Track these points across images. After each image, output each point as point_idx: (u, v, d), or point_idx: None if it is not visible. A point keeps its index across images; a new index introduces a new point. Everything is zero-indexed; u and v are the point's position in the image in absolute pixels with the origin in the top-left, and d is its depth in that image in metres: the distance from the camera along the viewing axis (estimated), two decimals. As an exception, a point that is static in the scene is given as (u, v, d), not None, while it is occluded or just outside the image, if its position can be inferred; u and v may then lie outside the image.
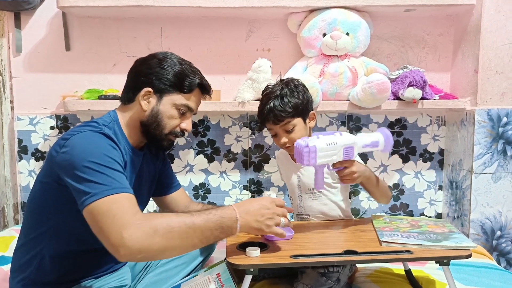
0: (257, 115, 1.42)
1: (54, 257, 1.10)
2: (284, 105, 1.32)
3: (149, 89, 1.15)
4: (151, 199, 1.40)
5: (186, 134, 1.26)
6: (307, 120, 1.39)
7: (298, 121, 1.34)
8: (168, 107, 1.16)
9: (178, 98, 1.17)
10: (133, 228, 0.90)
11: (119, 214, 0.91)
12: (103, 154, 0.99)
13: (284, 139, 1.35)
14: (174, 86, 1.16)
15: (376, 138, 1.22)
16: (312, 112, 1.40)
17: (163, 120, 1.16)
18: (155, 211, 2.05)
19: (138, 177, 1.23)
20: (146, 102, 1.16)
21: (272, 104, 1.33)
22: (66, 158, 0.99)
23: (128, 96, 1.19)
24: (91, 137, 1.03)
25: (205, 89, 1.23)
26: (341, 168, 1.20)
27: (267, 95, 1.37)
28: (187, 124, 1.21)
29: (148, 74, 1.16)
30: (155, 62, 1.17)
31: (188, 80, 1.17)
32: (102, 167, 0.97)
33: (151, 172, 1.31)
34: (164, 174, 1.39)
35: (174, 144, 1.24)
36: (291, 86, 1.36)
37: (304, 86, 1.40)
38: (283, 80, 1.40)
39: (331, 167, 1.21)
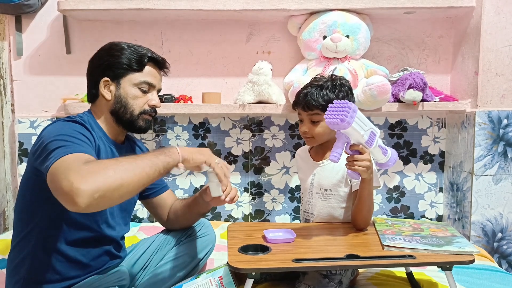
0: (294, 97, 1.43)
1: (45, 255, 1.10)
2: (320, 96, 1.32)
3: (106, 78, 1.19)
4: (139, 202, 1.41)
5: (157, 110, 1.28)
6: None
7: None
8: (128, 88, 1.19)
9: (135, 77, 1.20)
10: (84, 171, 0.87)
11: (71, 165, 0.89)
12: (71, 130, 1.04)
13: (305, 128, 1.35)
14: (127, 67, 1.19)
15: (388, 149, 1.21)
16: None
17: (128, 102, 1.20)
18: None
19: None
20: (107, 91, 1.20)
21: (310, 90, 1.34)
22: (36, 144, 1.05)
23: (92, 94, 1.23)
24: (61, 123, 1.09)
25: (157, 62, 1.24)
26: (357, 153, 1.18)
27: (312, 82, 1.39)
28: (155, 100, 1.23)
29: (100, 65, 1.20)
30: (103, 53, 1.21)
31: (137, 58, 1.19)
32: (66, 137, 1.00)
33: None
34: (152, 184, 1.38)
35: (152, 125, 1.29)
36: (336, 83, 1.35)
37: (350, 89, 1.38)
38: (334, 75, 1.40)
39: (349, 149, 1.17)
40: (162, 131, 2.06)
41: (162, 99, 1.89)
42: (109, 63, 1.19)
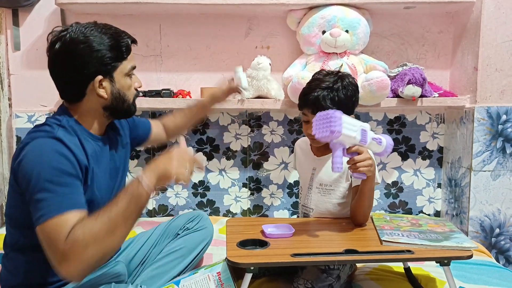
0: (299, 95, 1.38)
1: (41, 259, 1.08)
2: (329, 98, 1.28)
3: (100, 77, 1.09)
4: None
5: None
6: None
7: None
8: (122, 81, 1.13)
9: (124, 66, 1.13)
10: (65, 260, 0.93)
11: (53, 245, 0.94)
12: (53, 168, 0.98)
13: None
14: (116, 59, 1.10)
15: (381, 137, 1.21)
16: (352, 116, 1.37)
17: (125, 94, 1.15)
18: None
19: (112, 159, 1.21)
20: (102, 90, 1.10)
21: (320, 93, 1.29)
22: (21, 172, 1.00)
23: (75, 94, 1.11)
24: (42, 147, 1.01)
25: (133, 40, 1.17)
26: (356, 154, 1.18)
27: (319, 81, 1.32)
28: (138, 82, 1.19)
29: (87, 64, 1.07)
30: (82, 48, 1.06)
31: (123, 46, 1.11)
32: (50, 184, 0.97)
33: (122, 146, 1.29)
34: (136, 129, 1.39)
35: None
36: (346, 82, 1.31)
37: (356, 87, 1.35)
38: (340, 72, 1.36)
39: (346, 153, 1.17)
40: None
41: (160, 94, 1.88)
42: (97, 60, 1.07)
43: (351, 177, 1.34)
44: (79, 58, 1.06)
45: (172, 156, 1.02)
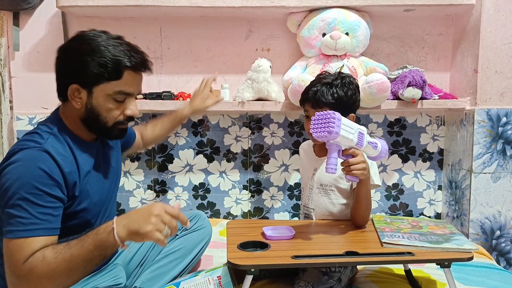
0: (301, 94, 1.42)
1: None
2: (330, 93, 1.32)
3: (75, 85, 1.04)
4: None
5: (135, 118, 1.17)
6: None
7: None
8: (101, 100, 1.05)
9: (110, 87, 1.04)
10: (18, 282, 0.96)
11: (12, 263, 0.96)
12: (33, 186, 0.97)
13: None
14: (100, 76, 1.03)
15: (377, 141, 1.22)
16: (352, 115, 1.38)
17: (101, 114, 1.07)
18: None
19: (104, 165, 1.21)
20: (77, 99, 1.06)
21: (319, 88, 1.33)
22: (1, 183, 0.99)
23: (60, 95, 1.11)
24: (28, 160, 0.99)
25: (136, 67, 1.07)
26: (351, 157, 1.18)
27: (320, 79, 1.38)
28: (131, 110, 1.10)
29: (70, 69, 1.05)
30: (73, 53, 1.05)
31: (112, 66, 1.03)
32: (25, 202, 0.96)
33: (114, 154, 1.28)
34: (126, 140, 1.42)
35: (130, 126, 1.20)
36: (345, 81, 1.35)
37: (357, 87, 1.38)
38: (342, 73, 1.39)
39: (341, 155, 1.18)
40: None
41: (161, 96, 1.88)
42: (79, 68, 1.03)
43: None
44: (68, 60, 1.06)
45: (151, 213, 0.96)
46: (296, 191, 2.09)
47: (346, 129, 1.12)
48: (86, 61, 1.03)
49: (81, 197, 1.09)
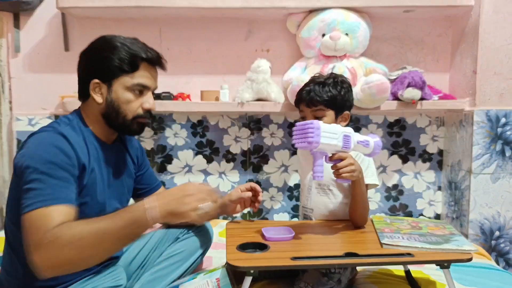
0: (295, 95, 1.43)
1: None
2: (323, 92, 1.34)
3: (96, 80, 1.12)
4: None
5: (153, 112, 1.20)
6: (339, 118, 1.39)
7: (330, 113, 1.35)
8: (120, 92, 1.12)
9: (127, 80, 1.11)
10: (41, 249, 0.92)
11: (34, 232, 0.94)
12: (47, 160, 0.99)
13: None
14: (118, 69, 1.10)
15: (368, 139, 1.22)
16: (347, 112, 1.40)
17: (120, 107, 1.12)
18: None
19: (115, 171, 1.21)
20: (98, 94, 1.12)
21: (312, 87, 1.35)
22: (18, 161, 1.02)
23: (83, 93, 1.16)
24: (43, 139, 1.03)
25: (152, 61, 1.15)
26: (339, 161, 1.19)
27: (313, 79, 1.40)
28: (149, 103, 1.15)
29: (91, 66, 1.13)
30: (94, 51, 1.14)
31: (129, 58, 1.11)
32: (42, 174, 0.97)
33: (129, 166, 1.29)
34: (145, 174, 1.38)
35: (147, 125, 1.22)
36: (338, 80, 1.38)
37: (350, 86, 1.41)
38: (334, 73, 1.43)
39: (328, 160, 1.19)
40: (160, 129, 2.05)
41: (160, 96, 1.88)
42: (99, 64, 1.11)
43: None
44: (88, 58, 1.14)
45: (185, 194, 0.99)
46: (296, 192, 2.09)
47: (328, 136, 1.13)
48: (105, 57, 1.10)
49: (86, 189, 1.09)
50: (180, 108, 1.88)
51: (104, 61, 1.11)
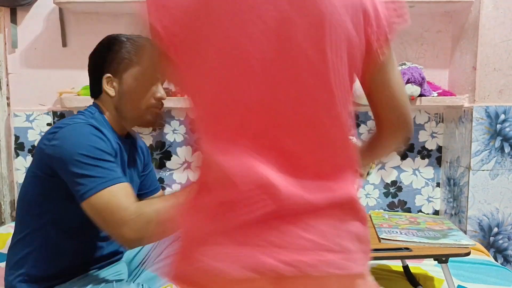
0: None
1: (49, 252, 1.09)
2: None
3: (108, 74, 1.16)
4: None
5: (164, 101, 1.22)
6: None
7: None
8: (131, 82, 1.14)
9: (137, 69, 1.12)
10: (128, 225, 0.95)
11: (115, 210, 0.96)
12: (93, 146, 1.01)
13: None
14: (128, 61, 1.15)
15: None
16: None
17: (132, 97, 1.15)
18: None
19: (128, 164, 1.23)
20: (110, 87, 1.17)
21: None
22: (56, 151, 1.01)
23: (95, 90, 1.20)
24: (80, 129, 1.05)
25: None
26: None
27: None
28: (160, 93, 1.18)
29: (102, 62, 1.17)
30: (102, 48, 1.19)
31: (137, 51, 1.15)
32: (93, 159, 0.99)
33: (138, 164, 1.31)
34: (148, 175, 1.39)
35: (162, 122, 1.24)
36: None
37: None
38: None
39: None
40: (159, 125, 2.05)
41: (159, 92, 1.88)
42: (109, 58, 1.16)
43: None
44: (97, 56, 1.19)
45: None
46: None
47: None
48: (114, 52, 1.16)
49: None
50: (179, 104, 1.87)
51: (113, 56, 1.15)
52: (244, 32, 0.56)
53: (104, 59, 1.17)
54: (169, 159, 2.06)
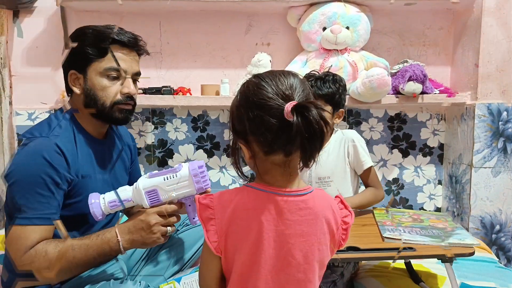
0: None
1: None
2: (324, 87, 1.36)
3: (72, 71, 1.11)
4: None
5: (135, 97, 1.17)
6: (335, 115, 1.41)
7: (328, 108, 1.37)
8: (95, 79, 1.10)
9: (100, 65, 1.09)
10: (20, 268, 1.01)
11: (12, 251, 1.01)
12: (35, 174, 1.01)
13: None
14: (89, 55, 1.09)
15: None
16: (342, 110, 1.42)
17: (97, 94, 1.10)
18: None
19: (108, 166, 1.22)
20: (77, 85, 1.12)
21: (313, 82, 1.36)
22: (8, 169, 1.04)
23: (65, 87, 1.17)
24: (34, 150, 1.04)
25: (124, 44, 1.12)
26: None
27: (313, 74, 1.41)
28: (127, 88, 1.12)
29: (68, 59, 1.13)
30: (70, 42, 1.14)
31: (98, 42, 1.09)
32: (27, 187, 1.01)
33: (123, 160, 1.30)
34: (134, 170, 1.39)
35: (131, 115, 1.19)
36: (336, 77, 1.40)
37: (345, 85, 1.45)
38: (330, 72, 1.45)
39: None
40: (161, 123, 2.05)
41: (160, 91, 1.88)
42: (72, 54, 1.10)
43: (349, 164, 1.42)
44: (69, 50, 1.13)
45: (150, 225, 1.03)
46: (296, 186, 2.09)
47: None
48: (77, 46, 1.10)
49: (77, 190, 1.10)
50: (181, 102, 1.87)
51: (76, 50, 1.10)
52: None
53: (69, 54, 1.12)
54: (171, 157, 2.06)
